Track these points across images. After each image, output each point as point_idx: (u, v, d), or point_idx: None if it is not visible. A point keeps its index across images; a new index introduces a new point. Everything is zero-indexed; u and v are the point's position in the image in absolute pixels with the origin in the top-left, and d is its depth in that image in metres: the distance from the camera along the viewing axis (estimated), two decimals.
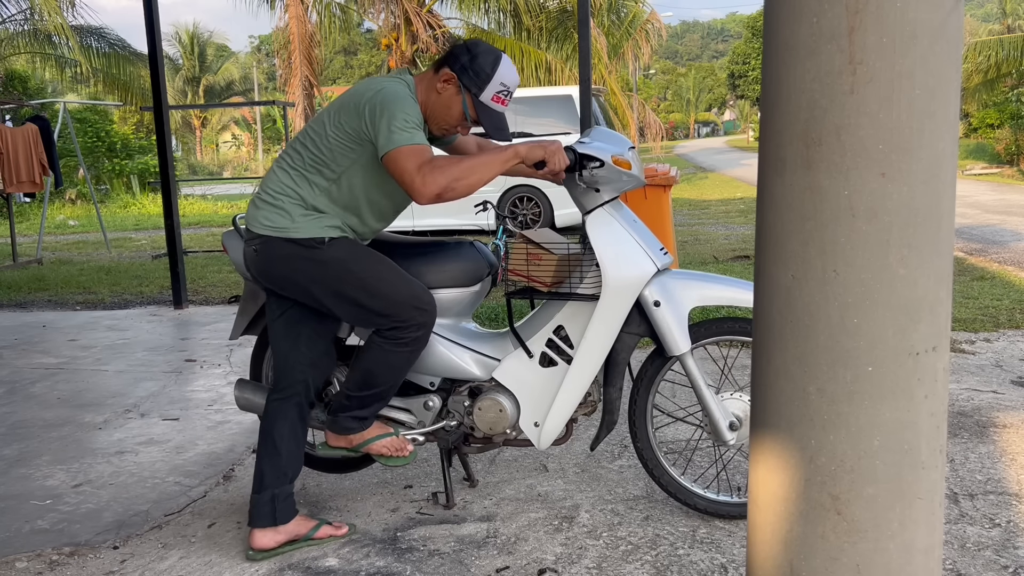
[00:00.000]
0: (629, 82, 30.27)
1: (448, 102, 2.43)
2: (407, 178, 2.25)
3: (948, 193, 1.22)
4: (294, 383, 2.53)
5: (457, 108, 2.44)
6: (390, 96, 2.31)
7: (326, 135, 2.39)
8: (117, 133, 21.94)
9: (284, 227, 2.41)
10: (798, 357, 1.27)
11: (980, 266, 6.99)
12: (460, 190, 2.27)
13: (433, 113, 2.45)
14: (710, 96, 79.93)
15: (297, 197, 2.42)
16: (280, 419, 2.53)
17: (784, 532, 1.33)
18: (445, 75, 2.41)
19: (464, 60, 2.40)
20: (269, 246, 2.43)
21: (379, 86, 2.35)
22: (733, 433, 2.54)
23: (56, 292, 7.45)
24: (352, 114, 2.35)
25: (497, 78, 2.40)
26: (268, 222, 2.42)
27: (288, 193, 2.42)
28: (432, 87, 2.43)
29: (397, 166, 2.26)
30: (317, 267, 2.40)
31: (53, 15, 15.19)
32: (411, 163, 2.25)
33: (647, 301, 2.50)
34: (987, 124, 23.72)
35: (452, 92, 2.42)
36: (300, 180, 2.42)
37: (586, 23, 5.76)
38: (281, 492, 2.53)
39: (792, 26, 1.22)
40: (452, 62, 2.42)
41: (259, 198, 2.48)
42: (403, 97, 2.32)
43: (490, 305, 5.77)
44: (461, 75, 2.40)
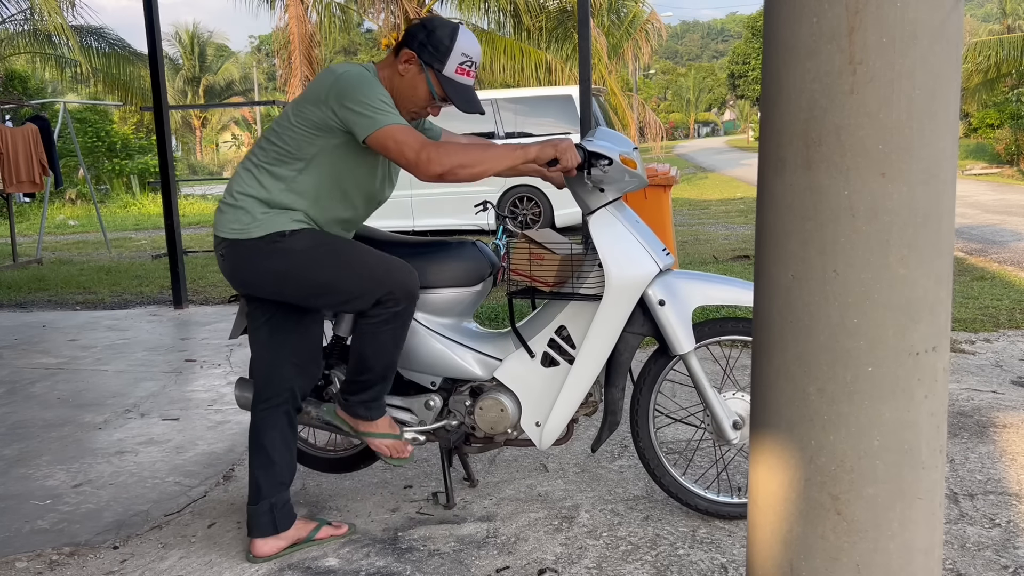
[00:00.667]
0: (629, 82, 30.27)
1: (413, 82, 2.39)
2: (408, 153, 2.22)
3: (948, 193, 1.22)
4: (281, 391, 2.49)
5: (423, 88, 2.39)
6: (355, 79, 2.27)
7: (290, 126, 2.35)
8: (117, 133, 21.95)
9: (245, 227, 2.36)
10: (798, 357, 1.27)
11: (980, 266, 6.99)
12: (462, 176, 2.25)
13: (400, 97, 2.40)
14: (710, 96, 79.94)
15: (260, 195, 2.37)
16: (270, 429, 2.49)
17: (784, 532, 1.33)
18: (405, 55, 2.37)
19: (421, 37, 2.36)
20: (234, 249, 2.39)
21: (340, 70, 2.31)
22: (736, 432, 2.54)
23: (56, 292, 7.46)
24: (314, 102, 2.30)
25: (457, 49, 2.36)
26: (231, 224, 2.38)
27: (250, 193, 2.38)
28: (395, 71, 2.39)
29: (394, 142, 2.22)
30: (282, 260, 2.36)
31: (53, 15, 15.20)
32: (409, 138, 2.22)
33: (651, 301, 2.50)
34: (987, 124, 23.72)
35: (415, 71, 2.38)
36: (263, 176, 2.37)
37: (586, 23, 5.76)
38: (279, 500, 2.52)
39: (792, 26, 1.22)
40: (410, 41, 2.37)
41: (223, 202, 2.45)
42: (368, 79, 2.29)
43: (491, 305, 5.77)
44: (420, 52, 2.35)
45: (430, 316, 2.66)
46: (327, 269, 2.37)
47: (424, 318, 2.65)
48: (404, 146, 2.22)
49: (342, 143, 2.33)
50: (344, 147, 2.34)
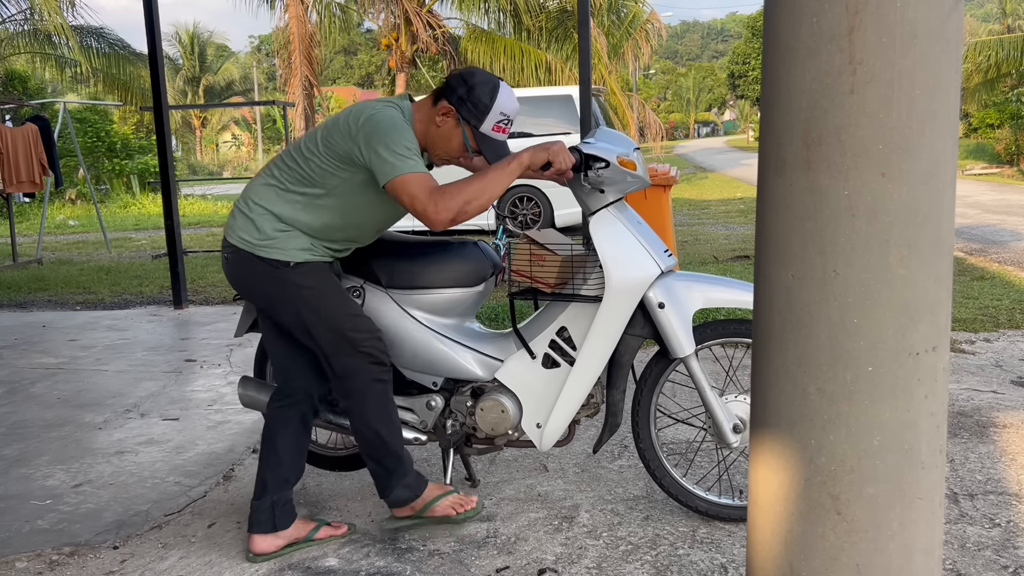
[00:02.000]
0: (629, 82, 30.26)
1: (448, 134, 2.42)
2: (418, 206, 2.25)
3: (948, 193, 1.22)
4: (295, 391, 2.54)
5: (457, 140, 2.43)
6: (386, 122, 2.29)
7: (316, 153, 2.37)
8: (117, 133, 21.94)
9: (253, 243, 2.40)
10: (798, 357, 1.27)
11: (980, 266, 6.99)
12: (472, 212, 2.28)
13: (433, 144, 2.44)
14: (710, 96, 79.93)
15: (275, 209, 2.40)
16: (283, 427, 2.54)
17: (784, 532, 1.33)
18: (443, 108, 2.39)
19: (461, 92, 2.37)
20: (238, 258, 2.43)
21: (373, 110, 2.33)
22: (737, 436, 2.54)
23: (56, 292, 7.46)
24: (344, 136, 2.32)
25: (496, 107, 2.38)
26: (242, 234, 2.41)
27: (266, 206, 2.41)
28: (431, 119, 2.42)
29: (406, 193, 2.25)
30: (279, 288, 2.40)
31: (53, 15, 15.20)
32: (421, 190, 2.25)
33: (651, 303, 2.50)
34: (987, 124, 23.72)
35: (451, 124, 2.41)
36: (282, 194, 2.40)
37: (586, 23, 5.76)
38: (280, 498, 2.53)
39: (792, 26, 1.22)
40: (449, 94, 2.39)
41: (238, 207, 2.47)
42: (399, 123, 2.30)
43: (492, 306, 5.77)
44: (459, 107, 2.38)
45: (432, 316, 2.66)
46: (313, 315, 2.40)
47: (426, 318, 2.65)
48: (415, 199, 2.25)
49: (365, 179, 2.35)
50: (365, 184, 2.37)
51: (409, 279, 2.62)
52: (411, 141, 2.30)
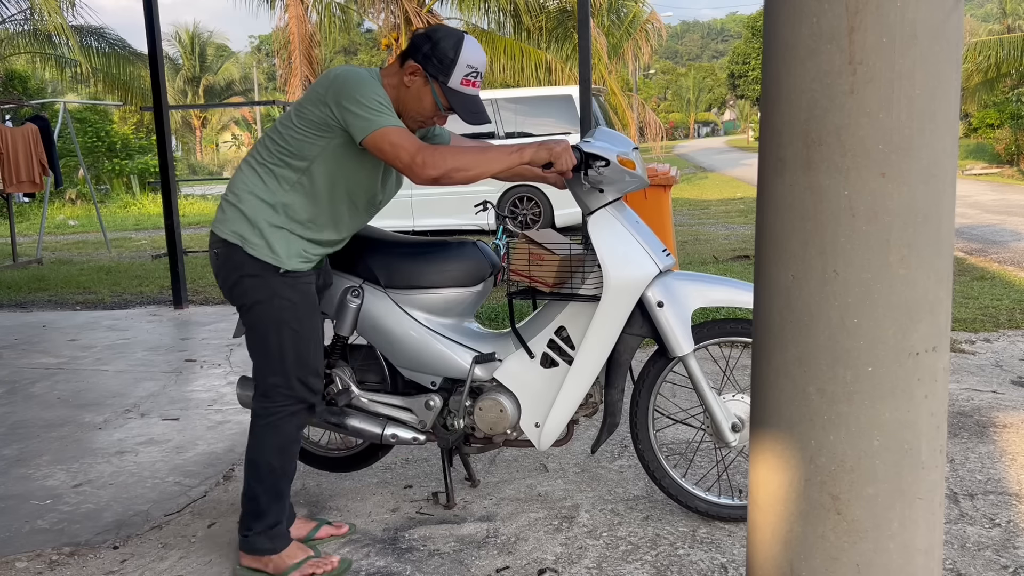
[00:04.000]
0: (629, 82, 30.26)
1: (418, 94, 2.36)
2: (404, 156, 2.21)
3: (948, 193, 1.22)
4: None
5: (428, 99, 2.36)
6: (353, 79, 2.26)
7: (292, 126, 2.32)
8: (117, 133, 21.95)
9: (245, 238, 2.32)
10: (798, 357, 1.27)
11: (980, 266, 6.99)
12: (458, 179, 2.25)
13: (405, 107, 2.38)
14: (710, 96, 79.90)
15: (264, 195, 2.33)
16: None
17: (784, 532, 1.33)
18: (410, 67, 2.34)
19: (426, 48, 2.33)
20: (228, 253, 2.36)
21: (340, 70, 2.31)
22: (735, 435, 2.54)
23: (56, 292, 7.46)
24: (315, 102, 2.28)
25: (462, 60, 2.32)
26: (232, 227, 2.34)
27: (254, 191, 2.34)
28: (400, 82, 2.36)
29: (389, 144, 2.21)
30: (262, 291, 2.34)
31: (53, 15, 15.20)
32: (406, 141, 2.21)
33: (650, 302, 2.50)
34: (987, 124, 23.72)
35: (420, 83, 2.35)
36: (267, 176, 2.34)
37: (586, 23, 5.75)
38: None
39: (792, 26, 1.22)
40: (414, 53, 2.34)
41: (226, 200, 2.40)
42: (366, 79, 2.27)
43: (491, 305, 5.77)
44: (425, 64, 2.33)
45: (430, 316, 2.66)
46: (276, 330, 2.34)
47: (424, 318, 2.65)
48: (399, 149, 2.21)
49: (343, 143, 2.31)
50: (345, 147, 2.32)
51: (408, 279, 2.61)
52: (382, 95, 2.26)
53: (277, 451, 2.40)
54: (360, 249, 2.65)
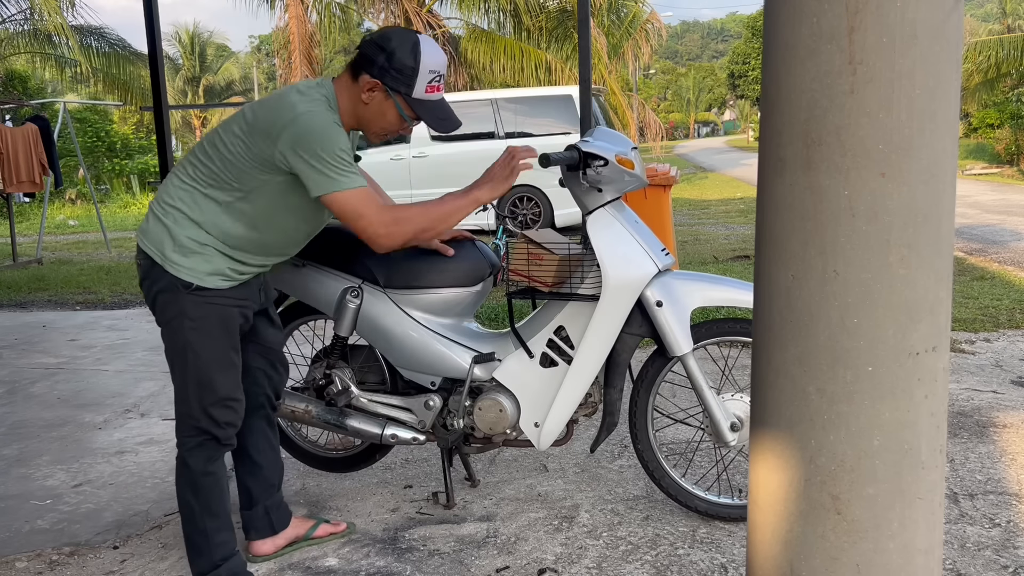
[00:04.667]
0: (629, 82, 30.26)
1: (380, 110, 2.19)
2: (366, 226, 2.11)
3: (948, 193, 1.22)
4: (252, 397, 2.43)
5: (392, 113, 2.20)
6: (315, 127, 2.05)
7: (232, 151, 2.12)
8: (117, 133, 21.96)
9: (164, 256, 2.16)
10: (798, 357, 1.27)
11: (980, 266, 6.99)
12: (424, 240, 2.20)
13: (366, 124, 2.23)
14: (710, 96, 79.88)
15: (192, 214, 2.16)
16: (251, 435, 2.47)
17: (784, 532, 1.32)
18: (366, 83, 2.14)
19: (381, 60, 2.13)
20: (148, 266, 2.20)
21: (298, 110, 2.06)
22: (734, 434, 2.54)
23: (56, 292, 7.45)
24: (264, 137, 2.08)
25: (424, 67, 2.14)
26: (154, 242, 2.18)
27: (184, 210, 2.17)
28: (357, 99, 2.18)
29: (352, 210, 2.09)
30: (169, 309, 2.19)
31: (53, 15, 15.20)
32: (369, 209, 2.10)
33: (649, 302, 2.50)
34: (987, 124, 23.72)
35: (380, 98, 2.17)
36: (197, 195, 2.16)
37: (586, 23, 5.75)
38: (273, 502, 2.52)
39: (792, 26, 1.22)
40: (368, 66, 2.14)
41: (153, 211, 2.23)
42: (328, 126, 2.07)
43: (491, 305, 5.77)
44: (383, 78, 2.14)
45: (430, 316, 2.65)
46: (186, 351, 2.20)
47: (424, 318, 2.64)
48: (362, 219, 2.10)
49: (289, 181, 2.14)
50: (290, 185, 2.15)
51: (407, 279, 2.61)
52: (343, 144, 2.08)
53: (189, 488, 2.25)
54: (359, 249, 2.65)
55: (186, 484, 2.27)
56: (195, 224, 2.17)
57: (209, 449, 2.26)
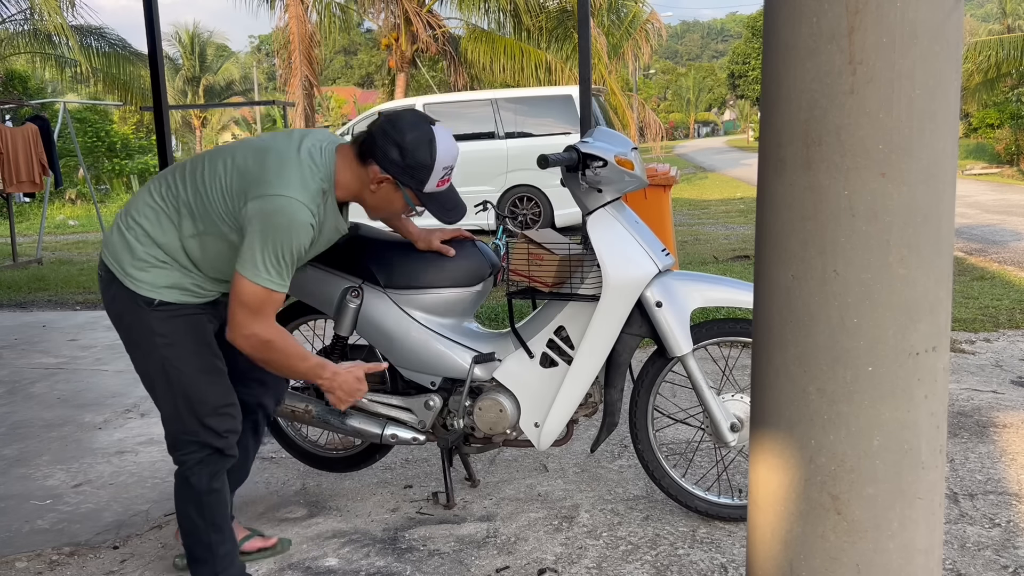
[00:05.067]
0: (629, 82, 30.26)
1: (387, 198, 2.17)
2: (238, 315, 2.01)
3: (948, 193, 1.22)
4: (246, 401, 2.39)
5: (399, 202, 2.18)
6: (286, 218, 1.98)
7: (207, 186, 2.08)
8: (117, 133, 21.96)
9: (123, 270, 2.11)
10: (798, 357, 1.27)
11: (980, 266, 6.99)
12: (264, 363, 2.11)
13: (367, 206, 2.22)
14: (710, 96, 79.87)
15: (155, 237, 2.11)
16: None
17: (784, 532, 1.32)
18: (377, 176, 2.11)
19: (395, 156, 2.09)
20: (108, 279, 2.16)
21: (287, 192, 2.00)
22: (734, 435, 2.54)
23: (56, 292, 7.45)
24: (240, 197, 2.04)
25: (439, 164, 2.11)
26: (112, 255, 2.14)
27: (147, 229, 2.12)
28: (362, 183, 2.14)
29: (239, 297, 2.00)
30: (136, 327, 2.13)
31: (53, 15, 15.20)
32: (253, 303, 2.01)
33: (649, 302, 2.50)
34: (987, 124, 23.72)
35: (389, 189, 2.15)
36: (163, 218, 2.12)
37: (586, 23, 5.75)
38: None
39: (792, 26, 1.22)
40: (380, 158, 2.10)
41: (119, 222, 2.18)
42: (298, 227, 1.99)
43: (491, 305, 5.77)
44: (397, 175, 2.11)
45: (430, 316, 2.65)
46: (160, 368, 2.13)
47: (424, 318, 2.64)
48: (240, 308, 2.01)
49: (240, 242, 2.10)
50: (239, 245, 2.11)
51: (407, 279, 2.61)
52: (296, 250, 2.02)
53: (194, 506, 2.21)
54: (359, 249, 2.65)
55: (189, 503, 2.21)
56: (155, 244, 2.12)
57: (212, 463, 2.20)
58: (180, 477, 2.23)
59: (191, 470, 2.20)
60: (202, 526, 2.22)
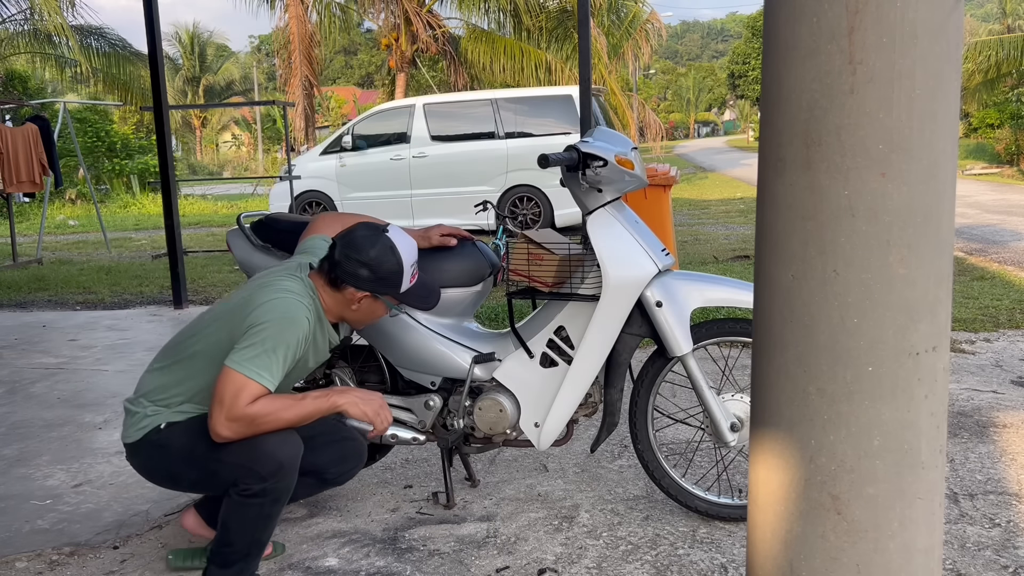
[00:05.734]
0: (629, 82, 30.27)
1: (369, 309, 2.31)
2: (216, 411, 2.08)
3: (948, 193, 1.22)
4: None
5: (381, 310, 2.34)
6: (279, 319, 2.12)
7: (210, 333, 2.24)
8: (117, 133, 21.95)
9: (127, 431, 2.28)
10: (798, 357, 1.27)
11: (980, 266, 6.99)
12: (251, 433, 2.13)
13: (354, 321, 2.35)
14: (710, 96, 79.87)
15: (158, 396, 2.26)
16: None
17: (784, 532, 1.33)
18: (355, 296, 2.25)
19: (365, 274, 2.21)
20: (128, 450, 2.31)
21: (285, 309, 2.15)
22: (734, 434, 2.54)
23: (56, 292, 7.45)
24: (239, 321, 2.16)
25: (406, 265, 2.25)
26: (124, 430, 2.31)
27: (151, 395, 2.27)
28: (343, 304, 2.28)
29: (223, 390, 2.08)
30: (163, 453, 2.24)
31: (53, 15, 15.21)
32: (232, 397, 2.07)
33: (649, 302, 2.50)
34: (987, 124, 23.72)
35: (370, 302, 2.29)
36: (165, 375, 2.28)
37: (586, 23, 5.76)
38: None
39: (792, 26, 1.22)
40: (354, 280, 2.22)
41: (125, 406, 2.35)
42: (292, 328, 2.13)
43: (491, 305, 5.77)
44: (372, 290, 2.25)
45: (430, 316, 2.66)
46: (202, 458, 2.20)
47: (424, 318, 2.65)
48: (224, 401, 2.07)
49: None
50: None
51: None
52: (290, 351, 2.13)
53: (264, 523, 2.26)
54: None
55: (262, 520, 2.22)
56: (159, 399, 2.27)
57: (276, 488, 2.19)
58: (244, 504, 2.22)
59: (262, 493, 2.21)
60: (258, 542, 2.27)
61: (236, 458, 2.16)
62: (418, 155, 10.59)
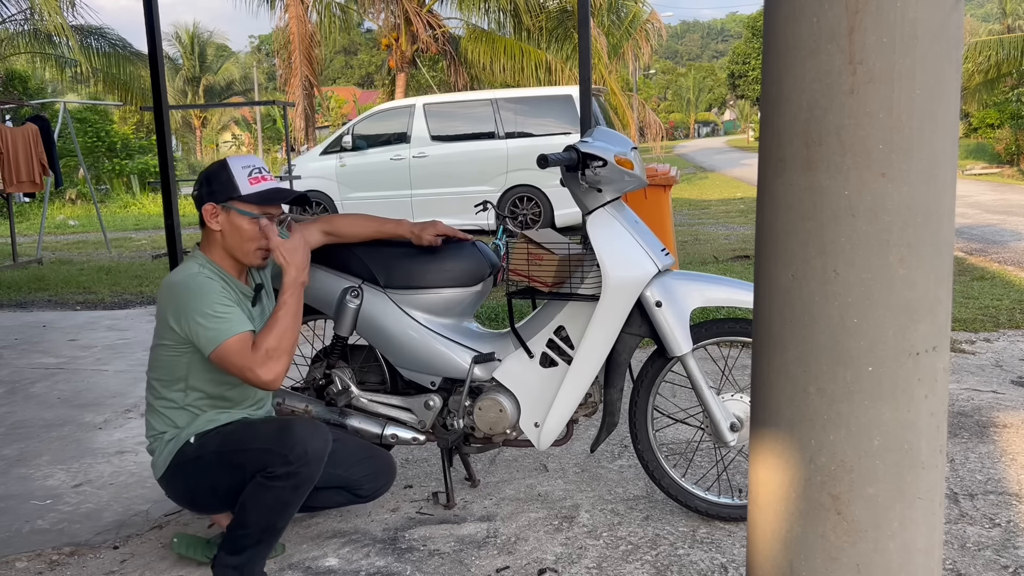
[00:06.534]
0: (629, 82, 30.26)
1: (233, 226, 2.33)
2: (248, 374, 2.18)
3: (948, 193, 1.22)
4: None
5: (241, 221, 2.32)
6: (185, 290, 2.24)
7: (157, 356, 2.34)
8: (117, 133, 21.96)
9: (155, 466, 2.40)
10: (798, 357, 1.27)
11: (980, 266, 6.99)
12: (290, 358, 2.23)
13: (237, 249, 2.35)
14: (710, 96, 79.87)
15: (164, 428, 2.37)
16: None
17: (784, 532, 1.32)
18: (206, 211, 2.33)
19: (203, 190, 2.35)
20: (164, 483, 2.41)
21: (174, 279, 2.29)
22: (734, 434, 2.54)
23: (56, 292, 7.45)
24: (164, 324, 2.29)
25: (234, 167, 2.33)
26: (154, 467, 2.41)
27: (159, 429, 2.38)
28: (214, 236, 2.35)
29: (232, 364, 2.19)
30: (198, 466, 2.32)
31: (53, 15, 15.20)
32: (243, 358, 2.18)
33: (649, 302, 2.50)
34: (987, 124, 23.73)
35: (224, 217, 2.33)
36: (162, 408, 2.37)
37: (586, 23, 5.75)
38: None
39: (792, 26, 1.22)
40: (199, 201, 2.35)
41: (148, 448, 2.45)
42: (197, 285, 2.25)
43: (491, 305, 5.77)
44: (212, 197, 2.33)
45: (430, 316, 2.66)
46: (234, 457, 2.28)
47: (424, 318, 2.65)
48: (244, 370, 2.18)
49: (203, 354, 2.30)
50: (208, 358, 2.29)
51: (407, 279, 2.61)
52: (217, 297, 2.23)
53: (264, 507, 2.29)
54: (359, 249, 2.65)
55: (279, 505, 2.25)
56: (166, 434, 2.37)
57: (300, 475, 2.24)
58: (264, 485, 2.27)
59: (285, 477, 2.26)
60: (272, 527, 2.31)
61: (265, 443, 2.25)
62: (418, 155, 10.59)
